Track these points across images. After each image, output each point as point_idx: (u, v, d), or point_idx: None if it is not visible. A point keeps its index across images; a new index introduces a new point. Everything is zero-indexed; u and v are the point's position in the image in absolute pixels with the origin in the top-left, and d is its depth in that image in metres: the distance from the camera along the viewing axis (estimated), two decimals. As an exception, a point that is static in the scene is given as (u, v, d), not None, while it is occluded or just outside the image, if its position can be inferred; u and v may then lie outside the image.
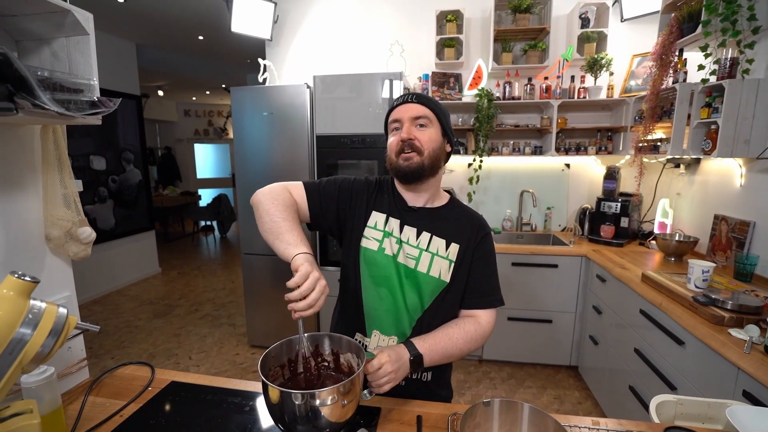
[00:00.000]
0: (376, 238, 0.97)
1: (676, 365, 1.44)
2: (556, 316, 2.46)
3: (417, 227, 0.97)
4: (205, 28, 3.89)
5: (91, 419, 0.83)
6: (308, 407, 0.68)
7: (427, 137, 0.92)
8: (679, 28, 1.88)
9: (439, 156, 0.94)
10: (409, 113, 0.93)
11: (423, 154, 0.91)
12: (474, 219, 1.01)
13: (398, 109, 0.95)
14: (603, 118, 2.78)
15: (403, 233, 0.97)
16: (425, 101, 0.94)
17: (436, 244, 0.96)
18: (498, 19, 2.64)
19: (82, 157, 3.77)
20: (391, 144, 0.95)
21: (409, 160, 0.91)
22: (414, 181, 0.94)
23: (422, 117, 0.93)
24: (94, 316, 3.54)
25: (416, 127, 0.93)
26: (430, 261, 0.95)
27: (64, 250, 0.94)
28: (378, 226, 0.98)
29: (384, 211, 0.99)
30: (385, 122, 1.01)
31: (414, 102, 0.94)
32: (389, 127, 0.98)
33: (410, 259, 0.95)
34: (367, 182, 1.04)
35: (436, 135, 0.94)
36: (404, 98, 0.95)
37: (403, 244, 0.96)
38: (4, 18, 0.74)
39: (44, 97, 0.63)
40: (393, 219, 0.98)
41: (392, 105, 0.97)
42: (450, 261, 0.95)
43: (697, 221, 2.17)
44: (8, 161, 0.83)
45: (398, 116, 0.94)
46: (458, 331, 0.93)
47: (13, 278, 0.53)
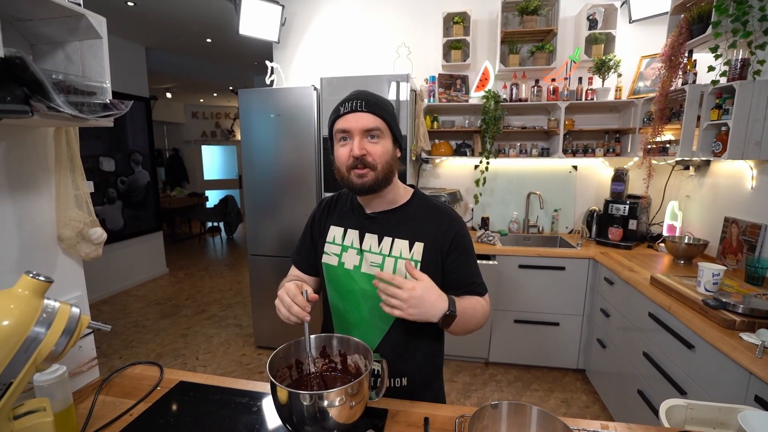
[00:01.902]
0: (335, 253, 0.97)
1: (686, 369, 1.42)
2: (563, 318, 2.44)
3: (378, 233, 0.94)
4: (212, 31, 3.93)
5: (101, 418, 0.84)
6: (316, 408, 0.69)
7: (381, 151, 0.86)
8: (689, 30, 1.86)
9: (392, 165, 0.90)
10: (359, 124, 0.85)
11: (377, 169, 0.86)
12: (440, 213, 0.96)
13: (347, 118, 0.86)
14: (611, 119, 2.76)
15: (365, 242, 0.95)
16: (376, 109, 0.86)
17: (399, 246, 0.93)
18: (505, 21, 2.64)
19: (92, 159, 3.83)
20: (340, 157, 0.88)
21: (363, 178, 0.86)
22: (369, 194, 0.90)
23: (374, 129, 0.86)
24: (103, 316, 3.58)
25: (368, 138, 0.86)
26: (395, 265, 0.92)
27: (76, 251, 0.95)
28: (336, 241, 0.97)
29: (341, 224, 0.98)
30: (329, 127, 0.91)
31: (364, 111, 0.85)
32: (335, 135, 0.89)
33: (374, 267, 0.93)
34: (320, 206, 1.05)
35: (389, 145, 0.89)
36: (353, 105, 0.85)
37: (364, 253, 0.94)
38: (20, 22, 0.75)
39: (59, 100, 0.65)
40: (351, 231, 0.97)
41: (338, 111, 0.87)
42: (415, 261, 0.92)
43: (707, 224, 2.15)
44: (23, 163, 0.85)
45: (347, 127, 0.85)
46: (476, 304, 0.91)
47: (28, 278, 0.54)
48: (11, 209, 0.83)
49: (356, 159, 0.85)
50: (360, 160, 0.85)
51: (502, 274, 2.45)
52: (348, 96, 0.88)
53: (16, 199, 0.84)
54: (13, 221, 0.83)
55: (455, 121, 2.90)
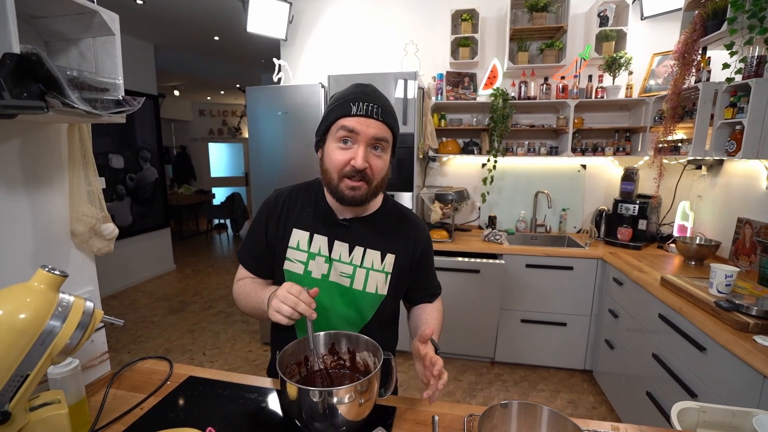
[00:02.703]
0: (301, 260, 0.90)
1: (697, 372, 1.40)
2: (571, 319, 2.43)
3: (349, 242, 0.89)
4: (220, 29, 3.95)
5: (113, 411, 0.85)
6: (326, 405, 0.69)
7: (381, 166, 0.82)
8: (703, 26, 1.83)
9: (385, 179, 0.86)
10: (370, 131, 0.78)
11: (372, 184, 0.81)
12: (410, 224, 0.95)
13: (358, 120, 0.78)
14: (621, 118, 2.73)
15: (334, 250, 0.89)
16: (390, 120, 0.80)
17: (371, 257, 0.89)
18: (514, 18, 2.62)
19: (102, 156, 3.86)
20: (335, 161, 0.80)
21: (356, 191, 0.80)
22: (356, 206, 0.86)
23: (383, 140, 0.80)
24: (112, 311, 3.62)
25: (372, 149, 0.80)
26: (366, 277, 0.89)
27: (88, 246, 0.96)
28: (301, 247, 0.90)
29: (307, 228, 0.91)
30: (329, 120, 0.82)
31: (379, 119, 0.78)
32: (335, 132, 0.80)
33: (344, 278, 0.89)
34: (276, 198, 0.95)
35: (388, 159, 0.85)
36: (368, 109, 0.77)
37: (334, 262, 0.89)
38: (35, 19, 0.76)
39: (73, 96, 0.65)
40: (318, 236, 0.90)
41: (349, 108, 0.78)
42: (386, 273, 0.91)
43: (719, 224, 2.12)
44: (37, 159, 0.86)
45: (356, 128, 0.78)
46: (437, 317, 0.98)
47: (43, 272, 0.55)
48: (26, 204, 0.84)
49: (354, 170, 0.78)
50: (360, 172, 0.79)
51: (508, 274, 2.43)
52: (360, 93, 0.80)
53: (31, 194, 0.85)
54: (29, 216, 0.84)
55: (463, 119, 2.89)
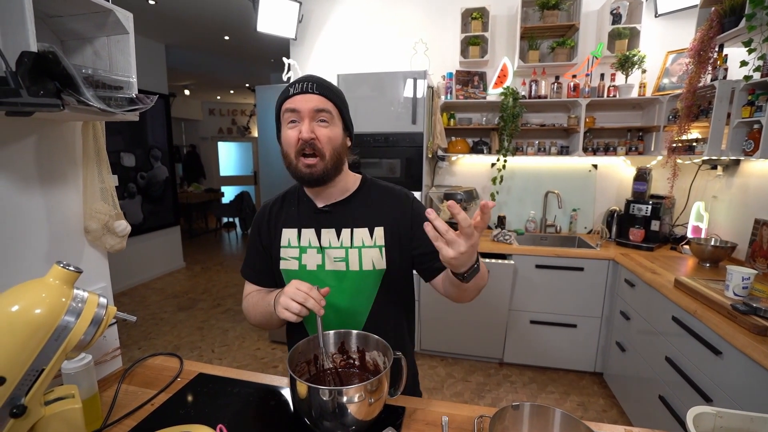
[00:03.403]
0: (293, 257, 0.93)
1: (712, 376, 1.38)
2: (581, 320, 2.40)
3: (334, 227, 0.92)
4: (230, 29, 3.98)
5: (124, 406, 0.86)
6: (335, 404, 0.69)
7: (329, 136, 0.84)
8: (720, 23, 1.79)
9: (341, 154, 0.88)
10: (309, 105, 0.83)
11: (325, 157, 0.84)
12: (391, 195, 0.95)
13: (296, 99, 0.83)
14: (634, 117, 2.69)
15: (322, 239, 0.92)
16: (327, 92, 0.85)
17: (360, 235, 0.91)
18: (525, 16, 2.59)
19: (113, 154, 3.92)
20: (288, 138, 0.85)
21: (312, 168, 0.84)
22: (319, 185, 0.89)
23: (324, 111, 0.84)
24: (122, 307, 3.67)
25: (317, 122, 0.84)
26: (359, 255, 0.90)
27: (101, 243, 0.97)
28: (291, 243, 0.94)
29: (293, 225, 0.95)
30: (277, 109, 0.88)
31: (315, 93, 0.83)
32: (283, 116, 0.86)
33: (339, 262, 0.91)
34: (263, 210, 1.00)
35: (338, 132, 0.87)
36: (303, 86, 0.83)
37: (325, 250, 0.91)
38: (51, 19, 0.77)
39: (88, 94, 0.66)
40: (306, 230, 0.93)
41: (288, 92, 0.85)
42: (379, 247, 0.90)
43: (735, 226, 2.07)
44: (52, 157, 0.87)
45: (296, 106, 0.83)
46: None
47: (59, 267, 0.56)
48: (42, 201, 0.85)
49: (305, 142, 0.82)
50: (309, 143, 0.82)
51: (518, 274, 2.41)
52: (298, 78, 0.87)
53: (46, 191, 0.86)
54: (44, 213, 0.86)
55: (472, 119, 2.87)
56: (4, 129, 0.77)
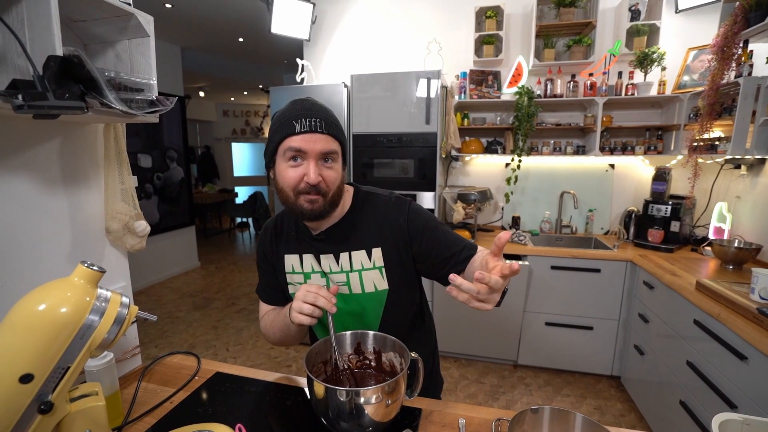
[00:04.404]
0: (299, 282, 0.93)
1: (737, 381, 1.33)
2: (598, 323, 2.35)
3: (332, 252, 0.90)
4: (245, 31, 4.02)
5: (144, 404, 0.87)
6: (352, 405, 0.68)
7: (334, 177, 0.81)
8: (745, 18, 1.74)
9: (341, 189, 0.86)
10: (317, 147, 0.78)
11: (328, 196, 0.81)
12: (387, 207, 0.91)
13: (303, 138, 0.77)
14: (653, 116, 2.62)
15: (323, 264, 0.91)
16: (334, 130, 0.80)
17: (358, 258, 0.89)
18: (540, 14, 2.55)
19: (131, 155, 3.99)
20: (288, 179, 0.79)
21: (314, 204, 0.80)
22: (319, 220, 0.86)
23: (332, 153, 0.80)
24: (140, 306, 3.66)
25: (322, 162, 0.80)
26: (360, 278, 0.89)
27: (122, 243, 0.99)
28: (296, 269, 0.94)
29: (295, 251, 0.93)
30: (275, 140, 0.80)
31: (323, 133, 0.78)
32: (284, 152, 0.79)
33: (342, 286, 0.91)
34: (264, 233, 0.99)
35: (340, 168, 0.84)
36: (312, 124, 0.77)
37: (327, 275, 0.91)
38: (75, 23, 0.79)
39: (111, 96, 0.67)
40: (306, 255, 0.92)
41: (292, 127, 0.77)
42: (379, 268, 0.89)
43: (761, 227, 2.01)
44: (76, 158, 0.89)
45: (303, 147, 0.77)
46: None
47: (83, 267, 0.57)
48: (65, 202, 0.87)
49: (309, 185, 0.78)
50: (314, 186, 0.79)
51: (533, 275, 2.38)
52: (301, 109, 0.79)
53: (69, 192, 0.88)
54: (67, 214, 0.88)
55: (486, 118, 2.84)
56: (30, 131, 0.80)
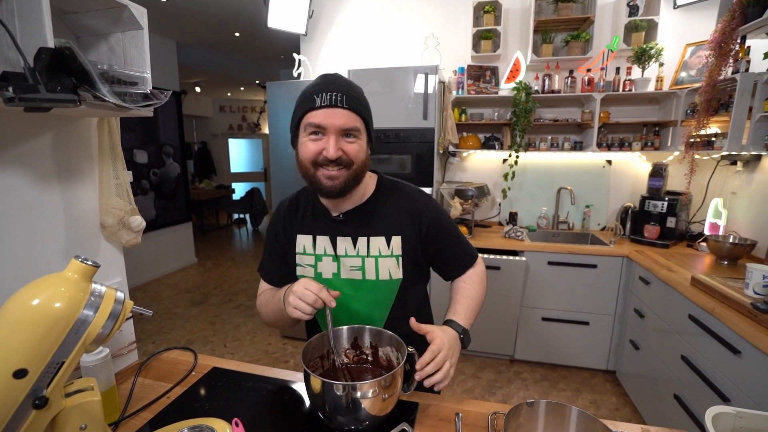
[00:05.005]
0: (309, 264, 0.91)
1: (730, 375, 1.35)
2: (594, 318, 2.37)
3: (350, 235, 0.88)
4: (241, 25, 3.99)
5: (141, 399, 0.87)
6: (349, 399, 0.69)
7: (356, 149, 0.79)
8: (743, 13, 1.73)
9: (365, 165, 0.83)
10: (337, 122, 0.76)
11: (351, 168, 0.79)
12: (409, 200, 0.91)
13: (323, 113, 0.76)
14: (650, 112, 2.63)
15: (338, 248, 0.89)
16: (356, 106, 0.78)
17: (376, 244, 0.88)
18: (538, 9, 2.54)
19: (126, 151, 3.85)
20: (307, 152, 0.79)
21: (334, 180, 0.79)
22: (338, 197, 0.84)
23: (353, 129, 0.78)
24: (137, 302, 3.63)
25: (344, 137, 0.78)
26: (376, 265, 0.88)
27: (117, 238, 0.98)
28: (307, 251, 0.91)
29: (308, 231, 0.92)
30: (297, 115, 0.80)
31: (344, 107, 0.76)
32: (305, 127, 0.79)
33: (355, 271, 0.89)
34: (278, 211, 0.97)
35: (364, 144, 0.82)
36: (331, 98, 0.75)
37: (341, 259, 0.89)
38: (67, 15, 0.77)
39: (104, 90, 0.66)
40: (321, 237, 0.90)
41: (313, 101, 0.76)
42: (396, 256, 0.88)
43: (755, 223, 2.02)
44: (69, 153, 0.88)
45: (322, 123, 0.76)
46: (471, 287, 0.94)
47: (77, 262, 0.56)
48: (59, 197, 0.86)
49: (328, 159, 0.77)
50: (335, 160, 0.77)
51: (530, 271, 2.39)
52: (323, 83, 0.78)
53: (63, 187, 0.87)
54: (61, 208, 0.87)
55: (484, 114, 2.84)
56: (22, 125, 0.79)
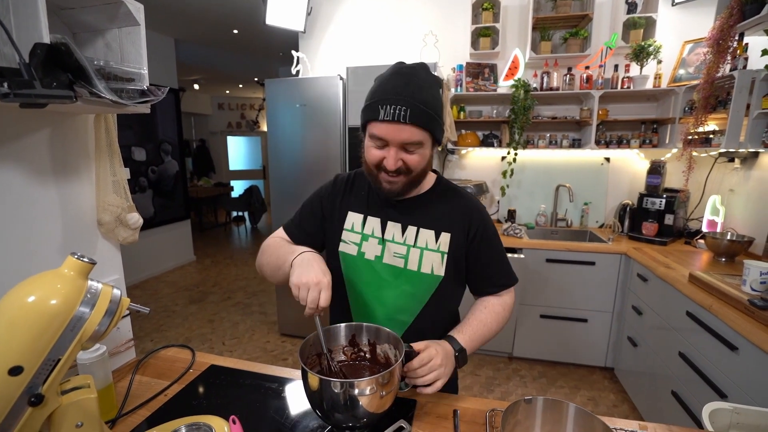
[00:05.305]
0: (355, 242, 0.91)
1: (728, 372, 1.35)
2: (592, 315, 2.37)
3: (401, 222, 0.89)
4: (239, 22, 3.97)
5: (138, 397, 0.87)
6: (347, 396, 0.68)
7: (417, 160, 0.79)
8: (741, 11, 1.73)
9: (426, 170, 0.84)
10: (399, 138, 0.75)
11: (410, 175, 0.80)
12: (465, 202, 0.91)
13: (385, 127, 0.75)
14: (648, 109, 2.63)
15: (387, 231, 0.89)
16: (422, 120, 0.74)
17: (425, 237, 0.88)
18: (537, 7, 2.53)
19: (125, 148, 3.94)
20: (370, 157, 0.80)
21: (392, 184, 0.81)
22: (397, 198, 0.86)
23: (414, 144, 0.77)
24: (135, 300, 3.66)
25: (405, 149, 0.78)
26: (420, 257, 0.88)
27: (114, 235, 0.98)
28: (355, 228, 0.91)
29: (361, 210, 0.92)
30: (363, 121, 0.81)
31: (407, 123, 0.73)
32: (367, 131, 0.80)
33: (398, 258, 0.88)
34: (337, 182, 0.97)
35: (428, 153, 0.81)
36: (395, 113, 0.73)
37: (387, 243, 0.89)
38: (63, 11, 0.77)
39: (100, 86, 0.66)
40: (372, 218, 0.90)
41: (377, 112, 0.74)
42: (442, 253, 0.88)
43: (753, 220, 2.02)
44: (65, 150, 0.87)
45: (384, 136, 0.76)
46: (489, 314, 0.91)
47: (73, 259, 0.56)
48: (56, 194, 0.86)
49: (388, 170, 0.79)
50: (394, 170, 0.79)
51: (528, 268, 2.39)
52: (390, 90, 0.74)
53: (59, 184, 0.86)
54: (58, 205, 0.86)
55: (483, 111, 2.83)
56: (18, 122, 0.78)
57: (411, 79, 0.76)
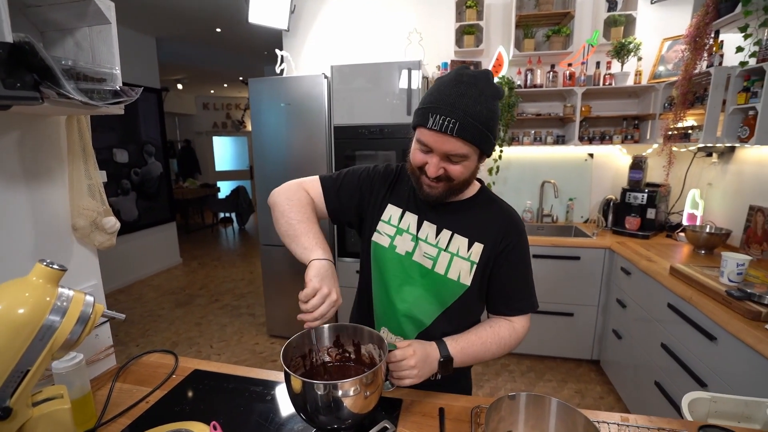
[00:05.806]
0: (389, 234, 0.90)
1: (707, 361, 1.39)
2: (578, 309, 2.41)
3: (437, 224, 0.88)
4: (222, 20, 3.91)
5: (118, 405, 0.85)
6: (330, 398, 0.68)
7: (460, 171, 0.78)
8: (716, 8, 1.77)
9: (470, 179, 0.83)
10: (443, 148, 0.75)
11: (451, 182, 0.80)
12: (505, 216, 0.89)
13: (432, 136, 0.74)
14: (629, 105, 2.67)
15: (421, 230, 0.89)
16: (469, 135, 0.73)
17: (457, 243, 0.87)
18: (520, 4, 2.55)
19: (106, 150, 3.87)
20: (415, 159, 0.81)
21: (432, 189, 0.81)
22: (435, 203, 0.86)
23: (459, 156, 0.76)
24: (119, 305, 3.66)
25: (449, 160, 0.77)
26: (449, 262, 0.87)
27: (90, 240, 0.95)
28: (392, 221, 0.91)
29: (400, 204, 0.91)
30: (414, 121, 0.81)
31: (454, 136, 0.73)
32: (416, 133, 0.80)
33: (427, 259, 0.87)
34: (386, 171, 0.96)
35: (473, 165, 0.80)
36: (443, 125, 0.72)
37: (419, 242, 0.88)
38: (29, 8, 0.74)
39: (68, 86, 0.64)
40: (410, 214, 0.90)
41: (426, 118, 0.74)
42: (472, 263, 0.86)
43: (730, 212, 2.08)
44: (36, 152, 0.85)
45: (429, 144, 0.76)
46: (492, 335, 0.87)
47: (41, 266, 0.54)
48: (26, 198, 0.83)
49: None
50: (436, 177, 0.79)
51: (515, 265, 2.41)
52: (443, 101, 0.73)
53: (30, 188, 0.84)
54: (29, 210, 0.84)
55: (467, 109, 2.84)
56: (-16, 124, 0.75)
57: (469, 90, 0.73)
